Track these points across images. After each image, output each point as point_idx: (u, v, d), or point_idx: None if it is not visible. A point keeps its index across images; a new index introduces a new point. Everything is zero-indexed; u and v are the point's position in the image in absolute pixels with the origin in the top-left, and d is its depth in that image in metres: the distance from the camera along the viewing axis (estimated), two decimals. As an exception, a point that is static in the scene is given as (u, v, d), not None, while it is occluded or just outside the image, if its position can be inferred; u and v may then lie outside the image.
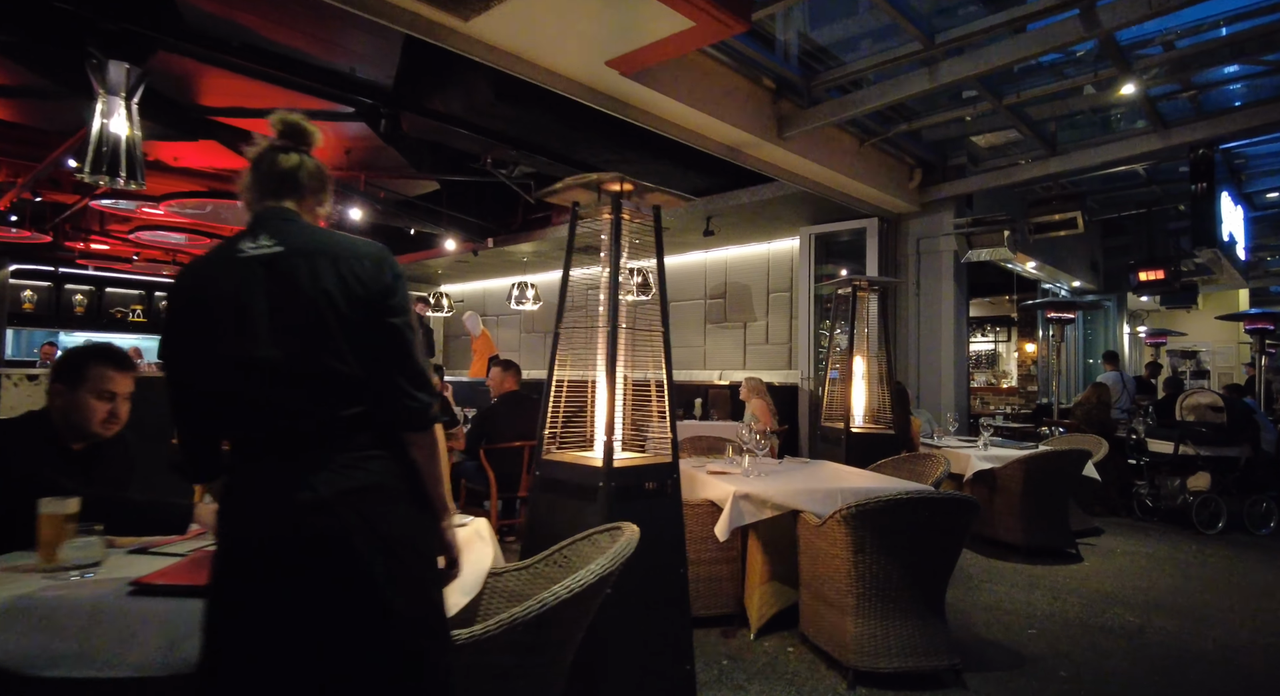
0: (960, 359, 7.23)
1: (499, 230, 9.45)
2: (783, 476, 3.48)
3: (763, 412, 6.59)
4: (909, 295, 7.43)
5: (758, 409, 6.62)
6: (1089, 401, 6.79)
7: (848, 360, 5.01)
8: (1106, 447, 5.82)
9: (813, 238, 7.82)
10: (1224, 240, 8.07)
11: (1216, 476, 6.03)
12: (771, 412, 6.67)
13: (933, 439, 5.91)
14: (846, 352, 5.01)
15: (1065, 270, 11.04)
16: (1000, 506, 5.10)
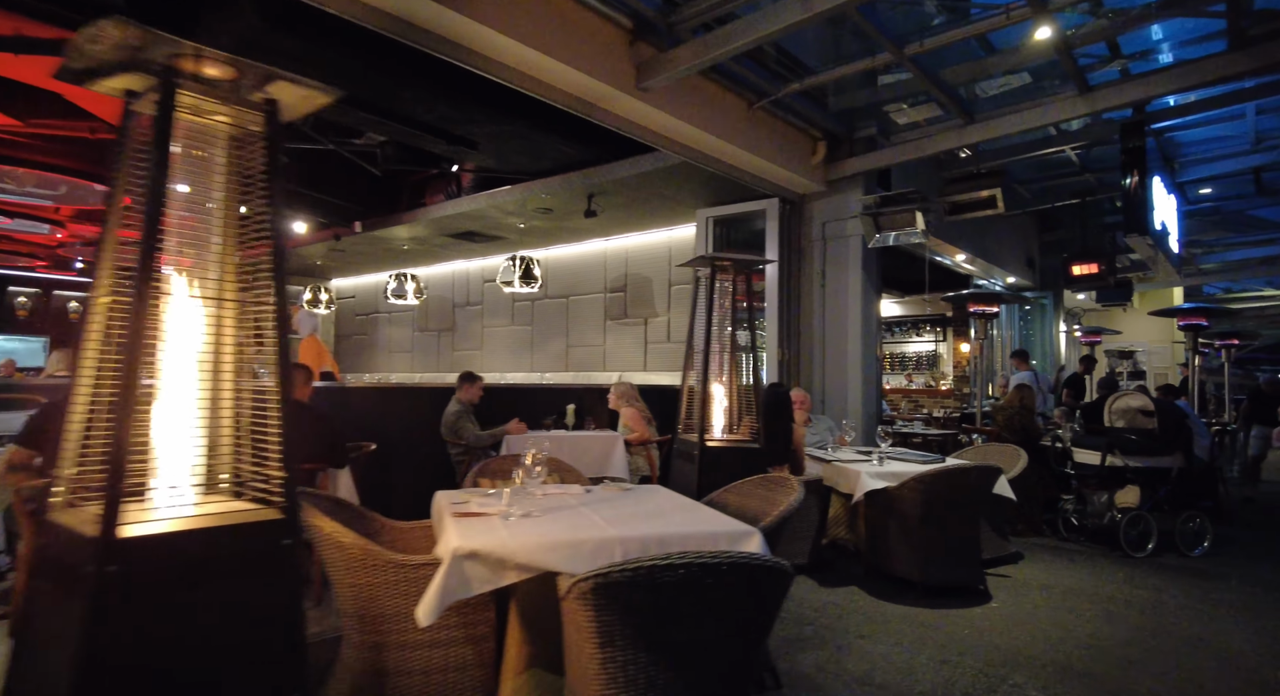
0: (870, 359, 6.39)
1: (368, 212, 8.33)
2: (555, 517, 2.50)
3: (636, 421, 5.65)
4: (813, 285, 6.57)
5: (630, 417, 5.68)
6: (1010, 405, 6.01)
7: (705, 359, 4.08)
8: (1025, 460, 5.02)
9: (710, 222, 6.91)
10: (1156, 229, 7.45)
11: (1147, 490, 5.29)
12: (647, 421, 5.73)
13: (826, 451, 5.03)
14: (703, 349, 4.08)
15: (999, 265, 10.41)
16: (895, 534, 4.23)
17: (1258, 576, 4.70)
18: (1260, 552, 5.41)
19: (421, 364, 10.50)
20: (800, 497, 2.89)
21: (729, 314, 4.20)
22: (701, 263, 4.00)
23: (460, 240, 8.54)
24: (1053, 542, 5.55)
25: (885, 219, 5.91)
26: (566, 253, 8.87)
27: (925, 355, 14.30)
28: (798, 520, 4.42)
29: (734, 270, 4.15)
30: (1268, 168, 9.24)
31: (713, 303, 4.02)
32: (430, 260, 10.10)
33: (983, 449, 5.42)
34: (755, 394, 4.57)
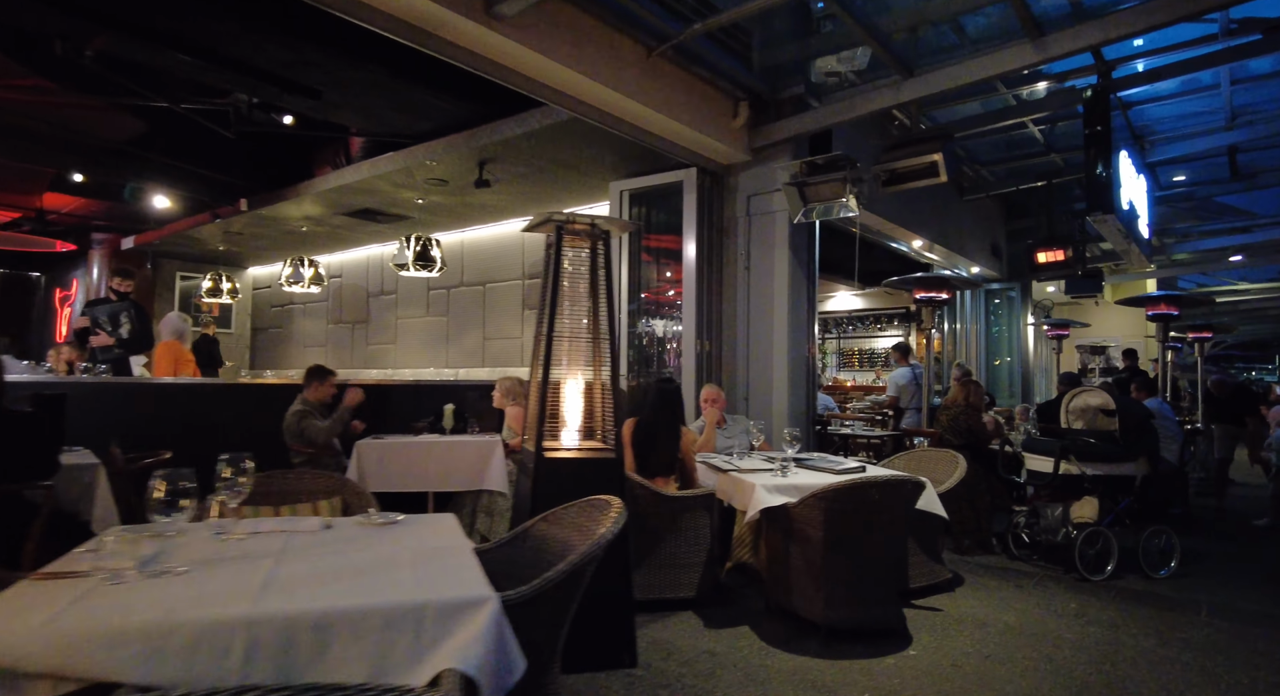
0: (799, 352, 5.62)
1: (255, 188, 7.43)
2: (203, 577, 1.66)
3: (520, 422, 4.83)
4: (737, 269, 5.78)
5: (514, 418, 4.88)
6: (955, 404, 5.26)
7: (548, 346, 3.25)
8: (963, 468, 4.27)
9: (625, 196, 6.09)
10: (1123, 209, 6.75)
11: (1107, 502, 4.56)
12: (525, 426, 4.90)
13: (732, 458, 4.25)
14: (545, 334, 3.26)
15: (961, 253, 9.71)
16: (796, 562, 3.45)
17: (1230, 605, 3.98)
18: (1233, 571, 4.71)
19: (335, 359, 9.60)
20: (613, 531, 2.09)
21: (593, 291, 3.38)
22: (545, 226, 3.19)
23: (361, 220, 7.67)
24: (1002, 562, 4.81)
25: (811, 190, 5.13)
26: (483, 235, 8.03)
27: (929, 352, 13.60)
28: (681, 544, 3.64)
29: (591, 236, 3.35)
30: (1243, 147, 8.59)
31: (559, 274, 3.20)
32: (341, 244, 9.21)
33: (917, 454, 4.66)
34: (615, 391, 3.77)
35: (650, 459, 3.78)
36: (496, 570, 2.42)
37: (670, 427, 3.83)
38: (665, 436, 3.80)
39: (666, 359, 5.99)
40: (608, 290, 3.27)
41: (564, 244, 3.21)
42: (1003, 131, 8.35)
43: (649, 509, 3.60)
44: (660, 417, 3.85)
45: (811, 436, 5.81)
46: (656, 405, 3.88)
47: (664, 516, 3.63)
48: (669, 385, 3.98)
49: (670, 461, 3.79)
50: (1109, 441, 4.58)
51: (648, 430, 3.81)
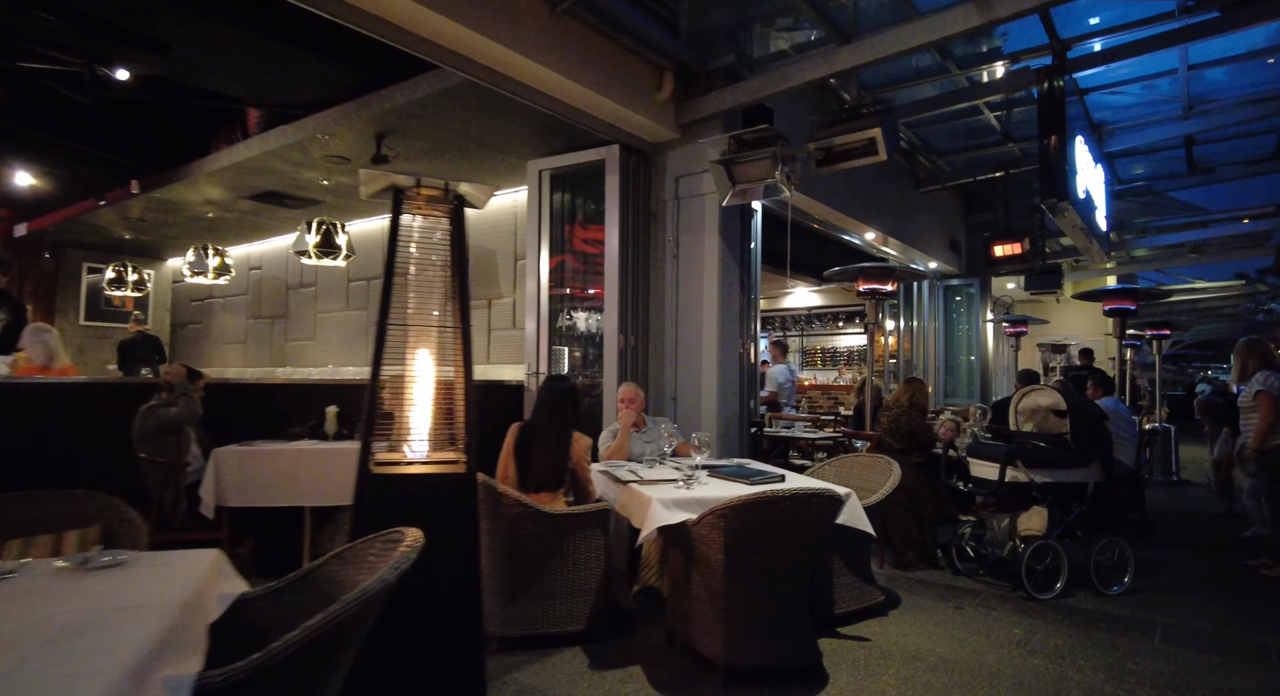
0: (730, 348, 5.14)
1: (150, 169, 6.75)
2: None
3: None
4: (665, 257, 5.28)
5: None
6: (898, 404, 4.82)
7: (380, 336, 2.72)
8: (897, 475, 3.81)
9: (546, 177, 5.56)
10: (1079, 197, 6.40)
11: (1057, 512, 4.14)
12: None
13: (641, 465, 3.75)
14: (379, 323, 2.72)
15: (918, 247, 9.35)
16: (697, 589, 2.95)
17: (1186, 626, 3.58)
18: (1189, 583, 4.33)
19: (255, 357, 8.91)
20: (379, 583, 1.56)
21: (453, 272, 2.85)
22: (380, 187, 2.66)
23: (269, 205, 7.02)
24: (945, 578, 4.38)
25: (739, 169, 4.64)
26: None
27: (857, 349, 13.26)
28: (569, 569, 3.12)
29: (445, 204, 2.82)
30: (1199, 138, 8.35)
31: (395, 249, 2.67)
32: (257, 233, 8.52)
33: (849, 460, 4.21)
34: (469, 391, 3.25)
35: (533, 470, 3.26)
36: (270, 623, 1.89)
37: (558, 433, 3.30)
38: (552, 443, 3.28)
39: (591, 357, 5.47)
40: (461, 275, 2.75)
41: (408, 212, 2.67)
42: (958, 117, 7.99)
43: (528, 530, 3.08)
44: (547, 422, 3.32)
45: (746, 440, 5.34)
46: (543, 407, 3.36)
47: (547, 537, 3.11)
48: (559, 383, 3.46)
49: (557, 472, 3.26)
50: (1059, 445, 4.17)
51: (531, 437, 3.28)
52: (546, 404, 3.36)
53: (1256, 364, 4.47)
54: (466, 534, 2.52)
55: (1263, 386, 4.40)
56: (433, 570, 2.45)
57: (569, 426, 3.34)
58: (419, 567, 1.68)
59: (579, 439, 3.33)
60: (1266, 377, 4.41)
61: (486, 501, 3.11)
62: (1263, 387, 4.40)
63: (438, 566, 2.44)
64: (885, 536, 4.63)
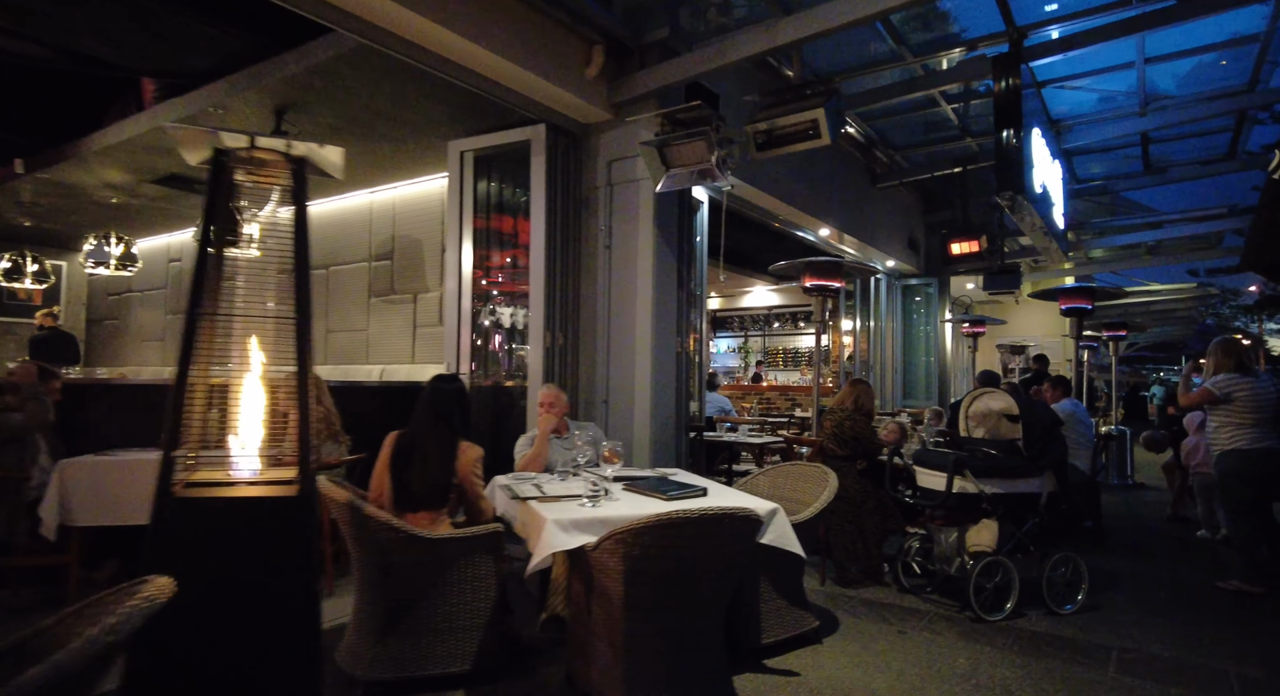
0: (666, 348, 4.76)
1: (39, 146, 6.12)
2: None
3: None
4: (598, 248, 4.88)
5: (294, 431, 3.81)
6: (842, 408, 4.48)
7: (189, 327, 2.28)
8: (833, 486, 3.45)
9: (469, 159, 5.11)
10: (1036, 191, 6.17)
11: (1009, 525, 3.83)
12: (322, 430, 3.89)
13: (554, 478, 3.34)
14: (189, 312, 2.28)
15: (875, 244, 9.09)
16: (597, 626, 2.55)
17: (1142, 650, 3.29)
18: (1144, 599, 4.06)
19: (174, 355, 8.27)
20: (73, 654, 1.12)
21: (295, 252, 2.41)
22: (195, 144, 2.21)
23: (177, 190, 6.43)
24: (890, 596, 4.05)
25: (672, 152, 4.26)
26: (327, 211, 6.90)
27: (826, 350, 13.00)
28: (452, 601, 2.70)
29: (285, 168, 2.38)
30: (1155, 136, 8.23)
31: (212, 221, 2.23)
32: (172, 221, 7.89)
33: (785, 470, 3.84)
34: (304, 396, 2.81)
35: (412, 486, 2.82)
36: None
37: (441, 442, 2.86)
38: (434, 455, 2.84)
39: (520, 357, 5.04)
40: (303, 252, 2.31)
41: (230, 177, 2.22)
42: (915, 109, 7.74)
43: (401, 556, 2.64)
44: (428, 429, 2.89)
45: (685, 446, 4.96)
46: (425, 412, 2.92)
47: (425, 565, 2.68)
48: (446, 384, 3.02)
49: (440, 488, 2.83)
50: (1011, 452, 3.87)
51: (410, 447, 2.84)
52: (429, 408, 2.92)
53: (1232, 365, 4.27)
54: (299, 569, 2.08)
55: (1211, 384, 4.22)
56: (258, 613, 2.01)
57: (455, 435, 2.91)
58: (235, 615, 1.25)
59: (467, 449, 2.90)
60: (1222, 378, 4.20)
61: (352, 524, 2.67)
62: (1210, 385, 4.22)
63: (263, 609, 2.00)
64: (827, 550, 4.29)
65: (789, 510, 3.47)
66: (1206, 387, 4.27)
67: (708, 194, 6.14)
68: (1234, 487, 4.24)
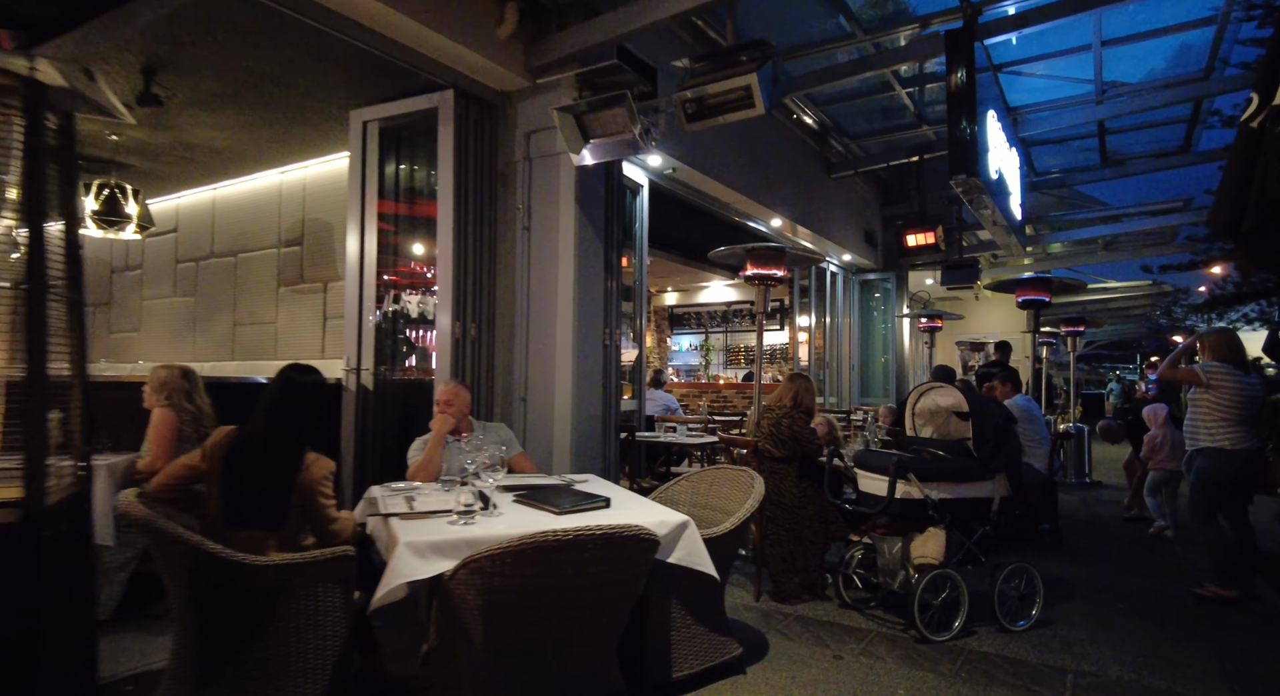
0: (591, 341, 4.32)
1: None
2: None
3: (161, 434, 3.32)
4: (515, 229, 4.41)
5: (154, 427, 3.36)
6: (779, 406, 4.08)
7: None
8: (759, 492, 3.03)
9: (371, 129, 4.60)
10: (991, 177, 5.88)
11: (958, 534, 3.47)
12: (168, 442, 3.38)
13: (426, 492, 2.87)
14: None
15: (830, 237, 8.76)
16: (463, 667, 2.09)
17: (1102, 674, 2.95)
18: (1102, 610, 3.74)
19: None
20: None
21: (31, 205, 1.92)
22: None
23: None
24: (830, 613, 3.66)
25: (591, 120, 3.82)
26: (237, 192, 6.31)
27: (780, 347, 12.68)
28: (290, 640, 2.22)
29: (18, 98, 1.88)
30: (1112, 126, 8.05)
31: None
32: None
33: (709, 475, 3.42)
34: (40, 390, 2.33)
35: (244, 500, 2.32)
36: None
37: (280, 448, 2.37)
38: (266, 463, 2.34)
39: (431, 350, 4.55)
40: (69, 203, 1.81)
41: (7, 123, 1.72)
42: (869, 94, 7.43)
43: (220, 588, 2.15)
44: (265, 430, 2.39)
45: (614, 448, 4.52)
46: (265, 409, 2.43)
47: (248, 599, 2.19)
48: (301, 376, 2.54)
49: (275, 504, 2.33)
50: (960, 453, 3.51)
51: (241, 452, 2.34)
52: (273, 404, 2.43)
53: (1230, 356, 3.99)
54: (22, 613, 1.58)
55: (1203, 367, 3.97)
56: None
57: (301, 440, 2.41)
58: None
59: (315, 462, 2.40)
60: (1217, 366, 3.93)
61: (154, 544, 2.17)
62: (1201, 367, 3.99)
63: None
64: (762, 561, 3.90)
65: (711, 520, 3.06)
66: (1195, 369, 4.00)
67: (648, 177, 5.73)
68: (1209, 488, 3.96)
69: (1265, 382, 4.07)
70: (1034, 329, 6.14)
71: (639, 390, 5.75)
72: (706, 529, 2.75)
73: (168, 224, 6.80)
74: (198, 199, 6.63)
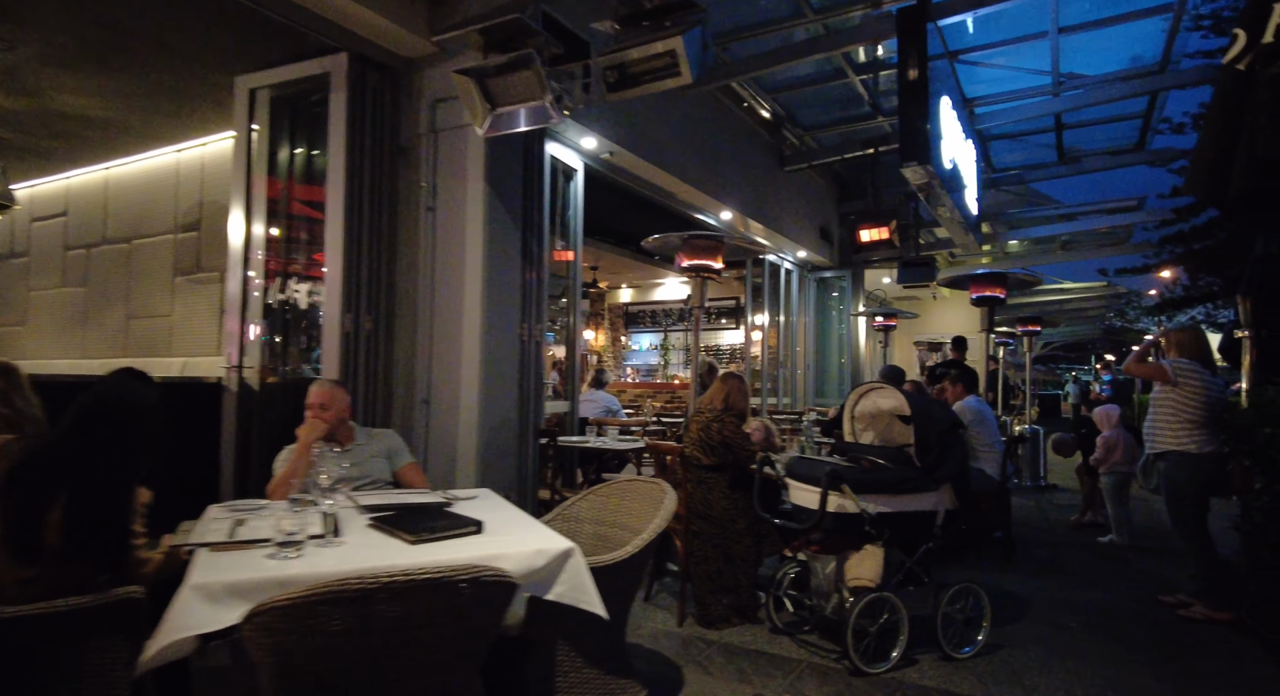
0: (501, 337, 3.88)
1: None
2: None
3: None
4: (419, 209, 3.95)
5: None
6: (710, 408, 3.70)
7: None
8: (669, 508, 2.63)
9: (259, 98, 4.10)
10: (944, 165, 5.59)
11: (898, 552, 3.12)
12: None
13: (260, 516, 2.41)
14: None
15: (783, 232, 8.44)
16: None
17: (1057, 716, 2.62)
18: (1056, 630, 3.43)
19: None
20: None
21: None
22: None
23: None
24: (759, 639, 3.28)
25: (497, 86, 3.38)
26: (132, 171, 5.72)
27: (738, 348, 12.37)
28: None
29: None
30: (1068, 120, 7.88)
31: None
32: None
33: (619, 488, 2.99)
34: None
35: (31, 530, 1.83)
36: None
37: (82, 468, 1.88)
38: (76, 488, 1.85)
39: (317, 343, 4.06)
40: None
41: None
42: (823, 81, 7.11)
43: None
44: (66, 446, 1.90)
45: (532, 456, 4.09)
46: (71, 421, 1.93)
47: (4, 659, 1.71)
48: (129, 382, 2.06)
49: (72, 536, 1.84)
50: (902, 461, 3.16)
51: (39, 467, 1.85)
52: (80, 415, 1.94)
53: (1198, 354, 3.72)
54: None
55: (1170, 364, 3.73)
56: None
57: (114, 460, 1.93)
58: None
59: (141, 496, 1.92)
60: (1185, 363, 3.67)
61: None
62: (1169, 363, 3.74)
63: None
64: (686, 579, 3.51)
65: (617, 541, 2.65)
66: (1165, 366, 3.74)
67: (583, 161, 5.32)
68: (1184, 498, 3.69)
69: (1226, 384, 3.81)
70: (988, 328, 5.88)
71: (572, 391, 5.34)
72: (601, 555, 2.34)
73: (56, 207, 6.17)
74: (89, 179, 6.01)
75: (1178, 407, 3.64)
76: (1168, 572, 4.50)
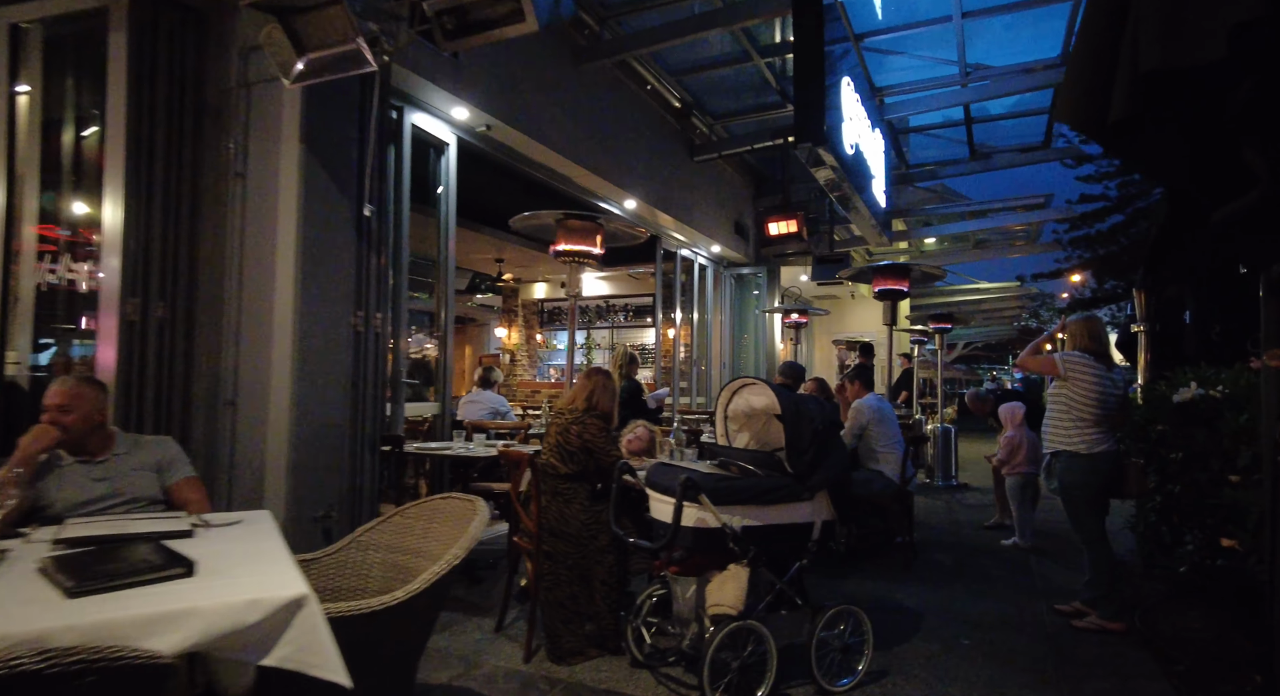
0: (326, 327, 3.31)
1: None
2: None
3: None
4: (227, 176, 3.34)
5: None
6: (571, 408, 3.23)
7: None
8: (475, 532, 2.14)
9: (31, 39, 3.39)
10: (845, 149, 5.33)
11: (767, 571, 2.72)
12: None
13: None
14: None
15: (694, 225, 8.06)
16: None
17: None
18: (946, 652, 3.10)
19: None
20: None
21: None
22: None
23: None
24: (615, 677, 2.83)
25: (303, 24, 2.83)
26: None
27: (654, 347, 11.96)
28: None
29: None
30: (977, 114, 7.82)
31: None
32: None
33: (431, 507, 2.49)
34: None
35: None
36: None
37: None
38: None
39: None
40: None
41: None
42: (727, 64, 6.79)
43: None
44: None
45: (370, 466, 3.53)
46: None
47: None
48: None
49: None
50: (773, 467, 2.76)
51: None
52: None
53: (1091, 347, 3.45)
54: None
55: (1061, 357, 3.46)
56: None
57: None
58: None
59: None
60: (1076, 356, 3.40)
61: None
62: (1060, 357, 3.47)
63: None
64: (534, 605, 3.03)
65: (412, 572, 2.15)
66: (1054, 359, 3.47)
67: (455, 134, 4.80)
68: (1079, 502, 3.42)
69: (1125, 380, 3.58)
70: (891, 321, 5.63)
71: (444, 392, 4.79)
72: (375, 596, 1.83)
73: None
74: None
75: (1069, 404, 3.39)
76: (1068, 577, 4.29)
